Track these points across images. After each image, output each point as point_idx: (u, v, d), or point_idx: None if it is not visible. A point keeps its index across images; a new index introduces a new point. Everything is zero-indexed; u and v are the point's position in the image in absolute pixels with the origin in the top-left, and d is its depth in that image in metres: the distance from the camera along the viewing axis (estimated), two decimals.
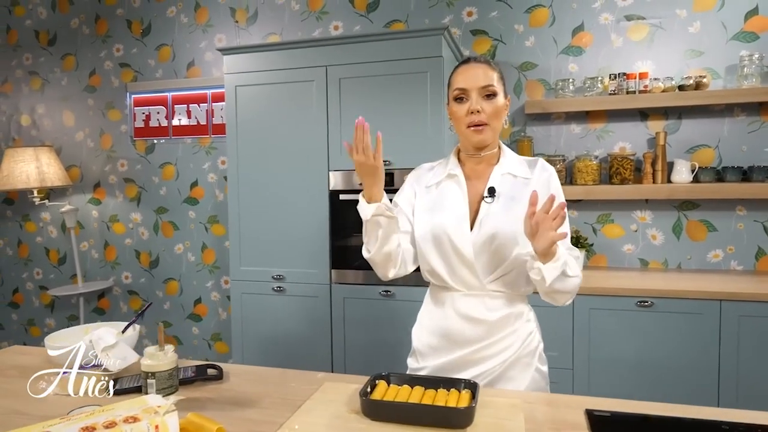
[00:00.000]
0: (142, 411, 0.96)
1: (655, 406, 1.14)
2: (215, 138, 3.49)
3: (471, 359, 1.34)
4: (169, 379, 1.16)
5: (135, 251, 3.73)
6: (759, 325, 2.26)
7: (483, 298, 1.35)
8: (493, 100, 1.33)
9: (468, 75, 1.34)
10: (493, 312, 1.34)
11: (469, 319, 1.35)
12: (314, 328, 2.81)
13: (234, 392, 1.26)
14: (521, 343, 1.36)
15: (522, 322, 1.37)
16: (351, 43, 2.66)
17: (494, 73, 1.35)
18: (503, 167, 1.39)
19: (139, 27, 3.63)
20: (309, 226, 2.78)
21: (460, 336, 1.35)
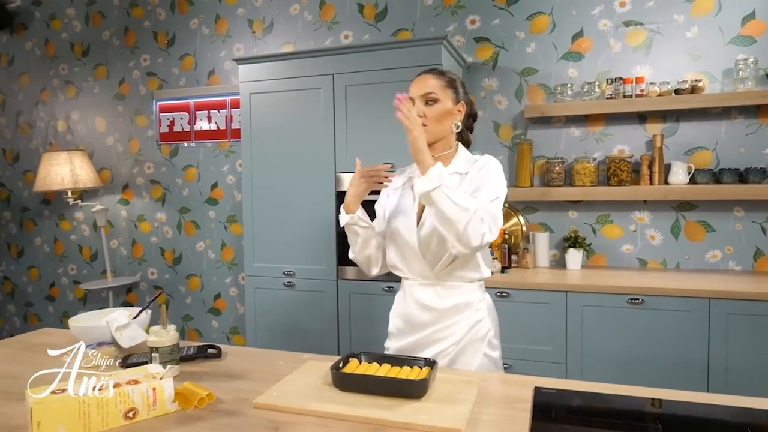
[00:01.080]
0: (143, 376, 1.14)
1: (604, 386, 1.26)
2: (233, 142, 3.70)
3: (426, 341, 1.52)
4: (170, 353, 1.33)
5: (160, 248, 3.97)
6: (747, 322, 2.32)
7: (435, 287, 1.52)
8: (433, 107, 1.49)
9: (415, 85, 1.53)
10: (444, 300, 1.51)
11: (423, 306, 1.53)
12: (322, 321, 2.98)
13: (228, 368, 1.44)
14: (469, 329, 1.51)
15: (471, 312, 1.52)
16: (356, 53, 2.82)
17: (437, 82, 1.51)
18: (451, 168, 1.53)
19: (165, 38, 3.86)
20: (317, 225, 2.95)
21: (417, 320, 1.54)
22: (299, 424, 1.08)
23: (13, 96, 4.37)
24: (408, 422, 1.05)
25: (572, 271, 2.88)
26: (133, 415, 1.09)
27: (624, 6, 2.88)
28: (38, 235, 4.37)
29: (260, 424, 1.09)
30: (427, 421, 1.04)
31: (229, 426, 1.08)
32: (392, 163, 2.77)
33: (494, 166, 1.51)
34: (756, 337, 2.32)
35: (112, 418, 1.07)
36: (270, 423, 1.09)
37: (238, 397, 1.22)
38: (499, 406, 1.15)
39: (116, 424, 1.08)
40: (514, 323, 2.62)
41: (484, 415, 1.10)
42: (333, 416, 1.10)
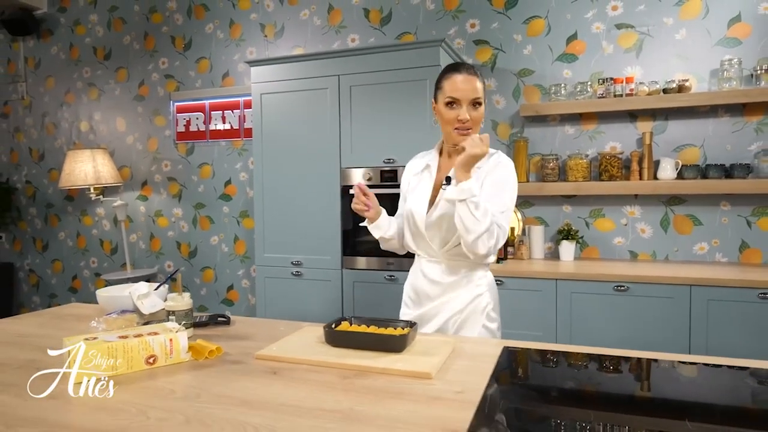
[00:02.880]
0: (162, 329, 1.32)
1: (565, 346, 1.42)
2: (246, 141, 3.90)
3: (434, 311, 1.68)
4: (185, 317, 1.51)
5: (176, 242, 4.19)
6: (725, 307, 2.46)
7: (441, 264, 1.67)
8: (479, 109, 1.59)
9: (461, 86, 1.56)
10: (448, 276, 1.66)
11: (430, 280, 1.68)
12: (328, 308, 3.15)
13: (236, 332, 1.62)
14: (469, 302, 1.66)
15: (472, 286, 1.66)
16: (361, 55, 3.00)
17: (481, 85, 1.60)
18: None
19: (182, 42, 4.09)
20: (324, 217, 3.13)
21: (425, 292, 1.70)
22: (294, 370, 1.25)
23: (39, 98, 4.63)
24: (386, 368, 1.21)
25: (565, 262, 3.02)
26: (153, 361, 1.27)
27: (616, 10, 3.02)
28: (62, 229, 4.62)
29: (261, 370, 1.26)
30: (402, 367, 1.21)
31: (235, 371, 1.26)
32: (393, 158, 2.95)
33: (511, 172, 1.62)
34: (734, 322, 2.44)
35: (135, 362, 1.25)
36: (269, 369, 1.26)
37: (242, 352, 1.39)
38: (468, 360, 1.31)
39: (139, 367, 1.26)
40: (506, 309, 2.75)
41: (453, 366, 1.26)
42: (322, 364, 1.27)
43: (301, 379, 1.20)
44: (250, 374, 1.24)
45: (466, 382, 1.17)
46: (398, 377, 1.20)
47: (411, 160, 1.84)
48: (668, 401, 1.12)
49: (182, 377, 1.23)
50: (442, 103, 1.61)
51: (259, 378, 1.21)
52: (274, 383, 1.18)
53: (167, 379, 1.21)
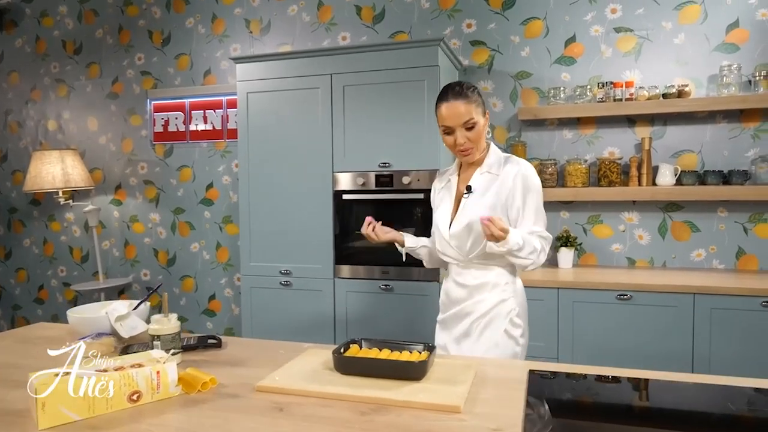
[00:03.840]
0: (147, 360, 1.16)
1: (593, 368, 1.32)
2: (229, 142, 3.72)
3: (462, 313, 1.73)
4: (172, 341, 1.35)
5: (153, 250, 3.97)
6: (729, 316, 2.41)
7: (470, 269, 1.71)
8: (474, 130, 1.63)
9: (449, 114, 1.62)
10: (475, 279, 1.70)
11: (458, 284, 1.74)
12: (319, 319, 3.00)
13: (229, 356, 1.47)
14: (493, 305, 1.68)
15: (497, 291, 1.69)
16: (355, 53, 2.86)
17: (471, 105, 1.62)
18: (483, 167, 1.72)
19: (160, 37, 3.88)
20: (314, 224, 2.98)
21: (453, 295, 1.75)
22: (302, 404, 1.11)
23: (2, 94, 4.35)
24: (408, 400, 1.08)
25: (564, 270, 2.93)
26: (137, 398, 1.11)
27: (615, 13, 2.95)
28: (27, 236, 4.34)
29: (264, 405, 1.11)
30: (426, 399, 1.07)
31: (234, 407, 1.10)
32: (388, 162, 2.82)
33: (537, 180, 1.69)
34: (737, 330, 2.39)
35: (116, 400, 1.09)
36: (274, 404, 1.11)
37: (240, 382, 1.24)
38: (495, 387, 1.19)
39: (120, 406, 1.10)
40: None
41: (480, 395, 1.14)
42: (335, 397, 1.12)
43: (312, 417, 1.05)
44: (252, 411, 1.09)
45: (499, 416, 1.05)
46: (423, 411, 1.07)
47: (436, 177, 1.92)
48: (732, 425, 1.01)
49: (172, 417, 1.08)
50: (440, 129, 1.69)
51: (262, 416, 1.07)
52: (282, 422, 1.04)
53: (154, 421, 1.06)
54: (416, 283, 2.80)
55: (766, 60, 2.73)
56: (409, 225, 2.87)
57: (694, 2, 2.82)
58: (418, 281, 2.81)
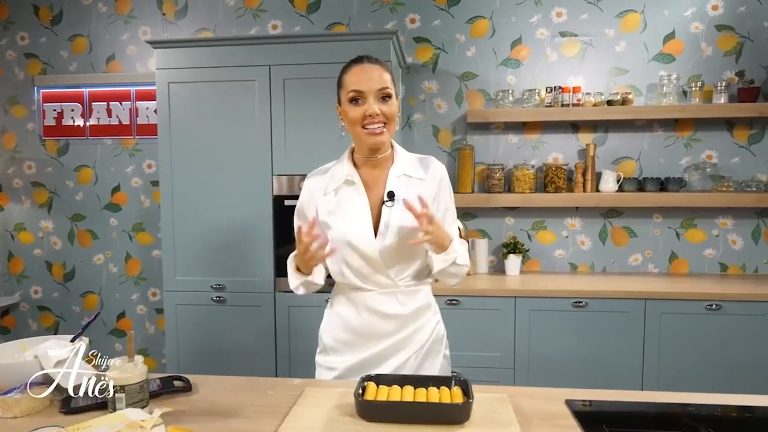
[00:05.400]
0: (126, 427, 0.86)
1: (624, 393, 1.23)
2: (140, 139, 3.24)
3: (387, 353, 1.38)
4: (140, 392, 1.06)
5: (46, 263, 3.38)
6: (676, 320, 2.50)
7: (395, 295, 1.38)
8: (389, 102, 1.33)
9: (363, 77, 1.32)
10: (405, 306, 1.39)
11: (382, 315, 1.38)
12: (257, 338, 2.70)
13: (208, 403, 1.19)
14: (431, 332, 1.43)
15: (431, 314, 1.45)
16: (296, 43, 2.59)
17: (388, 75, 1.36)
18: (398, 169, 1.40)
19: (48, 14, 3.28)
20: (251, 233, 2.67)
21: (375, 332, 1.38)
22: None
23: None
24: None
25: (512, 277, 2.89)
26: None
27: (560, 17, 2.94)
28: None
29: None
30: None
31: None
32: None
33: (448, 181, 1.46)
34: (685, 333, 2.48)
35: None
36: None
37: None
38: (544, 425, 1.05)
39: None
40: (463, 331, 2.57)
41: None
42: None
43: None
44: None
45: None
46: None
47: (309, 177, 1.48)
48: None
49: None
50: (345, 101, 1.35)
51: None
52: None
53: None
54: None
55: (698, 72, 2.87)
56: None
57: (634, 11, 2.89)
58: None
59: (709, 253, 2.95)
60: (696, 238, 2.95)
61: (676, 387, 2.47)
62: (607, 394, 1.23)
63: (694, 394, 1.21)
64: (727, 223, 2.92)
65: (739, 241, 2.92)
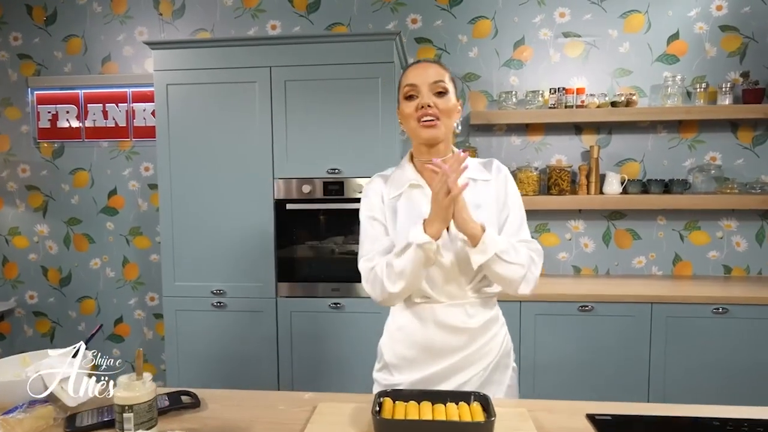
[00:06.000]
0: None
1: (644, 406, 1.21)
2: (137, 142, 3.19)
3: (454, 369, 1.32)
4: (148, 411, 1.02)
5: (41, 267, 3.32)
6: (683, 324, 2.47)
7: (464, 307, 1.32)
8: (445, 97, 1.29)
9: (419, 72, 1.30)
10: (474, 319, 1.32)
11: (451, 329, 1.31)
12: (259, 344, 2.66)
13: (219, 420, 1.15)
14: (500, 346, 1.37)
15: (499, 326, 1.39)
16: (298, 44, 2.54)
17: (446, 72, 1.32)
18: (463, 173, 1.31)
19: (42, 14, 3.22)
20: (252, 237, 2.62)
21: (442, 347, 1.32)
22: None
23: None
24: None
25: None
26: None
27: (564, 17, 2.91)
28: None
29: None
30: None
31: None
32: (338, 168, 2.54)
33: (512, 177, 1.41)
34: (691, 337, 2.46)
35: None
36: None
37: None
38: None
39: None
40: None
41: None
42: None
43: None
44: None
45: None
46: None
47: (371, 183, 1.42)
48: None
49: None
50: (402, 99, 1.33)
51: None
52: None
53: None
54: (369, 300, 2.56)
55: (702, 72, 2.84)
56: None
57: (638, 11, 2.86)
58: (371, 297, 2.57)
59: (713, 255, 2.93)
60: (700, 240, 2.93)
61: (682, 392, 2.46)
62: (629, 407, 1.20)
63: (726, 408, 1.17)
64: (732, 225, 2.91)
65: (744, 243, 2.90)
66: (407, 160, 1.40)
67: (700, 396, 2.45)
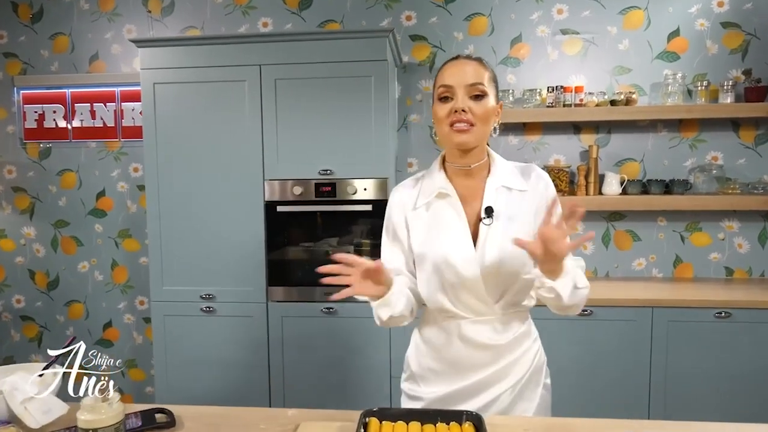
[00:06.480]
0: None
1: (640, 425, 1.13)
2: (126, 142, 3.12)
3: (480, 386, 1.26)
4: None
5: (29, 271, 3.25)
6: (685, 328, 2.40)
7: (492, 323, 1.26)
8: (482, 101, 1.20)
9: (455, 71, 1.22)
10: (502, 335, 1.26)
11: (477, 346, 1.25)
12: (249, 350, 2.59)
13: None
14: (531, 363, 1.29)
15: (530, 342, 1.31)
16: (288, 41, 2.48)
17: (486, 73, 1.24)
18: (496, 180, 1.27)
19: (28, 11, 3.15)
20: (242, 240, 2.56)
21: (468, 363, 1.27)
22: None
23: None
24: None
25: None
26: None
27: (561, 13, 2.84)
28: None
29: None
30: None
31: None
32: (330, 169, 2.48)
33: (552, 185, 1.31)
34: (693, 342, 2.40)
35: None
36: None
37: None
38: None
39: None
40: None
41: None
42: None
43: None
44: None
45: None
46: None
47: (397, 190, 1.37)
48: None
49: None
50: (436, 100, 1.25)
51: None
52: None
53: None
54: (364, 305, 2.49)
55: (703, 70, 2.78)
56: (355, 243, 2.56)
57: (638, 7, 2.79)
58: (366, 302, 2.51)
59: (715, 257, 2.87)
60: (701, 242, 2.87)
61: (684, 399, 2.40)
62: (623, 425, 1.13)
63: (727, 425, 1.11)
64: (733, 227, 2.84)
65: (746, 245, 2.84)
66: (438, 164, 1.33)
67: (702, 404, 2.40)
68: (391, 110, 2.64)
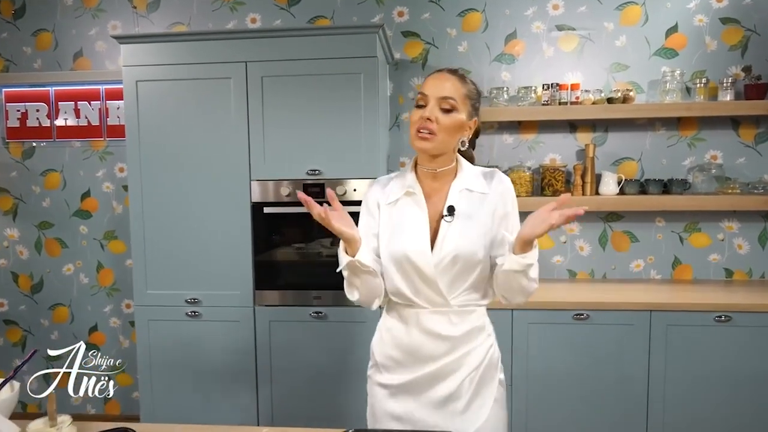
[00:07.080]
0: None
1: None
2: (111, 141, 3.04)
3: (439, 374, 1.35)
4: None
5: (11, 274, 3.17)
6: (684, 332, 2.34)
7: (448, 315, 1.34)
8: (450, 115, 1.31)
9: (434, 83, 1.32)
10: (457, 327, 1.34)
11: (433, 336, 1.34)
12: (236, 355, 2.53)
13: None
14: (484, 356, 1.37)
15: (484, 336, 1.39)
16: (275, 38, 2.41)
17: (462, 89, 1.33)
18: (460, 183, 1.37)
19: (10, 7, 3.07)
20: (229, 243, 2.49)
21: (425, 352, 1.35)
22: None
23: None
24: None
25: None
26: None
27: (557, 9, 2.77)
28: None
29: None
30: None
31: None
32: (318, 169, 2.41)
33: (513, 190, 1.41)
34: (693, 346, 2.33)
35: None
36: None
37: None
38: None
39: None
40: None
41: None
42: None
43: None
44: None
45: None
46: None
47: (372, 187, 1.46)
48: None
49: None
50: (414, 106, 1.37)
51: None
52: None
53: None
54: (354, 308, 2.43)
55: (702, 67, 2.71)
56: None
57: (635, 3, 2.72)
58: (357, 306, 2.44)
59: (714, 258, 2.80)
60: (700, 243, 2.81)
61: (683, 405, 2.34)
62: None
63: None
64: (733, 227, 2.78)
65: (745, 246, 2.78)
66: (411, 166, 1.43)
67: (702, 410, 2.33)
68: (382, 108, 2.57)
